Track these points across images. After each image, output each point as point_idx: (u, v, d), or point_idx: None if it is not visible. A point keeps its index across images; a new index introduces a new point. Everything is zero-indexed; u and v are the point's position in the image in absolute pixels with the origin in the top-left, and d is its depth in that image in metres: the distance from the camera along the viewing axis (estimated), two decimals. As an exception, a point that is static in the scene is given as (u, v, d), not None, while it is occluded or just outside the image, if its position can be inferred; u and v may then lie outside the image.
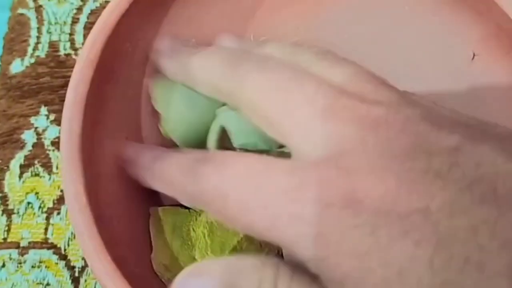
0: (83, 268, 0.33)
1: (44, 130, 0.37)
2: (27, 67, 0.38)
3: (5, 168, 0.36)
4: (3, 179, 0.35)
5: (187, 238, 0.29)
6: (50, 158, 0.36)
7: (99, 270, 0.23)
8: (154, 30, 0.31)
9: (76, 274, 0.33)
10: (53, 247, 0.34)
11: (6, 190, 0.35)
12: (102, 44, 0.26)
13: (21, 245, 0.34)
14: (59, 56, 0.38)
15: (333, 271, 0.16)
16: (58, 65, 0.38)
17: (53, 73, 0.38)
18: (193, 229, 0.30)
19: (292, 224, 0.16)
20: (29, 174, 0.35)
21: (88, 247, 0.24)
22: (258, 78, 0.19)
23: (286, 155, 0.20)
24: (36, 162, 0.36)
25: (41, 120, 0.37)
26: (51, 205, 0.35)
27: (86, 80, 0.26)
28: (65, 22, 0.39)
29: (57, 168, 0.36)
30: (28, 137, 0.36)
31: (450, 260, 0.15)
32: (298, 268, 0.17)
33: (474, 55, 0.29)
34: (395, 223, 0.15)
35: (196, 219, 0.31)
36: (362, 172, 0.16)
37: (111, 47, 0.27)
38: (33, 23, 0.39)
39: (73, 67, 0.26)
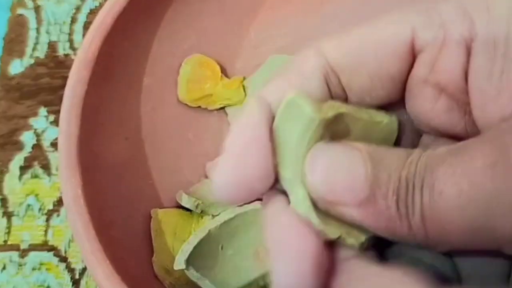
0: (83, 270, 0.33)
1: (43, 131, 0.36)
2: (26, 68, 0.38)
3: (5, 170, 0.35)
4: (3, 181, 0.35)
5: (188, 240, 0.29)
6: (49, 160, 0.35)
7: (98, 273, 0.23)
8: (153, 28, 0.30)
9: (77, 276, 0.33)
10: (53, 249, 0.33)
11: (6, 192, 0.35)
12: (99, 44, 0.26)
13: (22, 247, 0.33)
14: (58, 56, 0.38)
15: None
16: (57, 66, 0.38)
17: (52, 74, 0.38)
18: (194, 231, 0.30)
19: None
20: (28, 175, 0.35)
21: (86, 250, 0.24)
22: None
23: None
24: (35, 163, 0.35)
25: (40, 121, 0.36)
26: (51, 207, 0.34)
27: (84, 81, 0.26)
28: (64, 22, 0.39)
29: (56, 169, 0.35)
30: (28, 138, 0.36)
31: None
32: None
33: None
34: None
35: (198, 222, 0.30)
36: None
37: (108, 47, 0.26)
38: (32, 24, 0.39)
39: (72, 67, 0.26)
